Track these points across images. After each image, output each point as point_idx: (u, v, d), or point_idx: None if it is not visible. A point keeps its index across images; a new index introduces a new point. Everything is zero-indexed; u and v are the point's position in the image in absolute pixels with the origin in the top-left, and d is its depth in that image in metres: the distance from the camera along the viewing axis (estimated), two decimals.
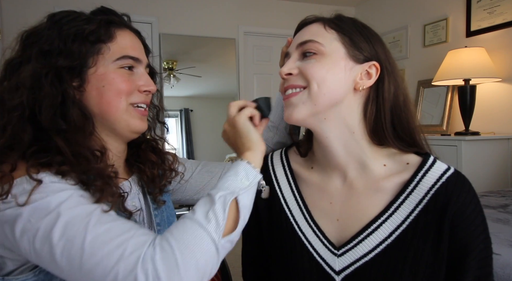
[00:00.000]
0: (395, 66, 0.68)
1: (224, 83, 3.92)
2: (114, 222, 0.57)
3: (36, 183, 0.56)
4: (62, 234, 0.53)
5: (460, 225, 0.60)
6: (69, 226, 0.54)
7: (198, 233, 0.55)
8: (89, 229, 0.54)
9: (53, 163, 0.60)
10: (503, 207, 1.63)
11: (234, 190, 0.61)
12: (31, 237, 0.54)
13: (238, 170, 0.64)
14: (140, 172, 0.79)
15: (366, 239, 0.64)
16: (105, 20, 0.69)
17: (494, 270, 1.01)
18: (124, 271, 0.51)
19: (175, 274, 0.52)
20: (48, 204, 0.55)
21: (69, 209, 0.55)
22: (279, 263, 0.71)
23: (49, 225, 0.53)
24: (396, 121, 0.67)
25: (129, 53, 0.70)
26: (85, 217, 0.55)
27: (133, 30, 0.75)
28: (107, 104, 0.68)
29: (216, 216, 0.57)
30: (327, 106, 0.65)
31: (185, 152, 3.96)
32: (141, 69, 0.74)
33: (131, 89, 0.71)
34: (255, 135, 0.68)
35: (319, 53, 0.65)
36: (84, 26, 0.66)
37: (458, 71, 2.44)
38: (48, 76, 0.63)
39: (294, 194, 0.73)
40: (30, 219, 0.54)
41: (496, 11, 2.57)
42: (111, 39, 0.68)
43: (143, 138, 0.81)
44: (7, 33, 2.75)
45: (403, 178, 0.65)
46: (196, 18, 3.55)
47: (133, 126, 0.72)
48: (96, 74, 0.67)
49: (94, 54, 0.67)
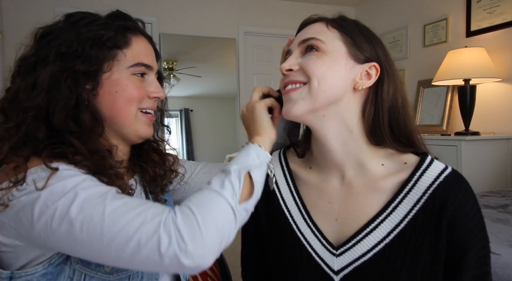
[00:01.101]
0: (394, 68, 0.69)
1: (224, 83, 3.93)
2: (130, 198, 0.58)
3: (53, 170, 0.57)
4: (80, 210, 0.54)
5: (458, 224, 0.60)
6: (87, 202, 0.55)
7: (216, 199, 0.58)
8: (107, 203, 0.55)
9: (67, 153, 0.61)
10: (503, 207, 1.62)
11: (247, 166, 0.63)
12: (49, 219, 0.54)
13: (249, 151, 0.66)
14: (142, 171, 0.80)
15: (364, 239, 0.64)
16: (122, 26, 0.70)
17: (494, 270, 1.01)
18: (147, 235, 0.52)
19: (197, 233, 0.53)
20: (63, 187, 0.56)
21: (85, 189, 0.56)
22: (278, 263, 0.71)
23: (66, 204, 0.54)
24: (393, 123, 0.67)
25: (142, 60, 0.72)
26: (102, 195, 0.56)
27: (146, 36, 0.76)
28: (118, 110, 0.70)
29: (232, 184, 0.60)
30: (326, 103, 0.65)
31: (185, 152, 3.96)
32: (152, 76, 0.75)
33: (142, 96, 0.72)
34: (267, 123, 0.71)
35: (321, 50, 0.66)
36: (102, 31, 0.67)
37: (458, 71, 2.44)
38: (66, 80, 0.64)
39: (293, 194, 0.74)
40: (47, 202, 0.55)
41: (496, 11, 2.57)
42: (127, 45, 0.70)
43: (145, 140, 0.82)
44: (7, 33, 2.75)
45: (401, 178, 0.65)
46: (196, 18, 3.55)
47: (141, 132, 0.74)
48: (110, 79, 0.69)
49: (110, 60, 0.68)
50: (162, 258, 0.52)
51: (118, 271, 0.64)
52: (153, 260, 0.53)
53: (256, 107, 0.72)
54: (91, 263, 0.62)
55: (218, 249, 0.56)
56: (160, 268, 0.54)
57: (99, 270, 0.62)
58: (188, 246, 0.52)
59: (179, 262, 0.52)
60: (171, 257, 0.52)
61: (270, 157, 0.68)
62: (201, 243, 0.53)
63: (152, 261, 0.53)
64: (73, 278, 0.61)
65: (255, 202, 0.63)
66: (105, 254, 0.54)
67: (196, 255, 0.53)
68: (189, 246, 0.52)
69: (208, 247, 0.54)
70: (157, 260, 0.52)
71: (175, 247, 0.52)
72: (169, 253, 0.52)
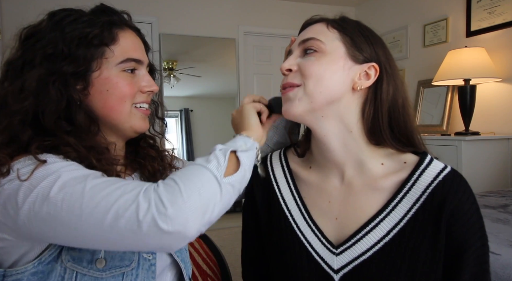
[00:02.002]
0: (395, 69, 0.69)
1: (224, 83, 3.93)
2: (113, 179, 0.57)
3: (41, 162, 0.56)
4: (60, 189, 0.53)
5: (457, 223, 0.61)
6: (68, 183, 0.54)
7: (200, 170, 0.57)
8: (88, 181, 0.54)
9: (59, 145, 0.61)
10: (503, 207, 1.62)
11: (233, 147, 0.63)
12: (31, 203, 0.53)
13: (236, 139, 0.66)
14: (141, 168, 0.79)
15: (364, 238, 0.64)
16: (107, 22, 0.69)
17: (494, 270, 1.01)
18: (125, 204, 0.51)
19: (178, 198, 0.51)
20: (47, 170, 0.55)
21: (69, 171, 0.56)
22: (278, 262, 0.72)
23: (48, 185, 0.54)
24: (394, 123, 0.67)
25: (132, 55, 0.70)
26: (85, 175, 0.56)
27: (133, 28, 0.75)
28: (111, 108, 0.69)
29: (217, 158, 0.59)
30: (323, 104, 0.65)
31: (185, 152, 3.96)
32: (143, 70, 0.74)
33: (134, 91, 0.71)
34: (255, 121, 0.72)
35: (320, 50, 0.66)
36: (87, 29, 0.66)
37: (458, 71, 2.44)
38: (55, 82, 0.63)
39: (293, 194, 0.74)
40: (29, 186, 0.54)
41: (496, 11, 2.57)
42: (114, 42, 0.68)
43: (141, 135, 0.81)
44: (7, 33, 2.75)
45: (401, 177, 0.66)
46: (196, 18, 3.55)
47: (136, 126, 0.73)
48: (100, 78, 0.67)
49: (98, 58, 0.67)
50: (140, 225, 0.50)
51: (111, 268, 0.63)
52: (131, 230, 0.50)
53: (245, 108, 0.74)
54: (82, 260, 0.61)
55: (201, 220, 0.53)
56: (139, 239, 0.51)
57: (91, 268, 0.61)
58: (168, 210, 0.50)
59: (157, 227, 0.50)
60: (149, 222, 0.50)
61: (257, 145, 0.68)
62: (182, 208, 0.51)
63: (131, 230, 0.50)
64: (64, 277, 0.59)
65: (242, 180, 0.61)
66: (84, 231, 0.52)
67: (176, 219, 0.50)
68: (169, 210, 0.50)
69: (189, 213, 0.51)
70: (135, 228, 0.50)
71: (153, 211, 0.50)
72: (147, 218, 0.50)
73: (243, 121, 0.73)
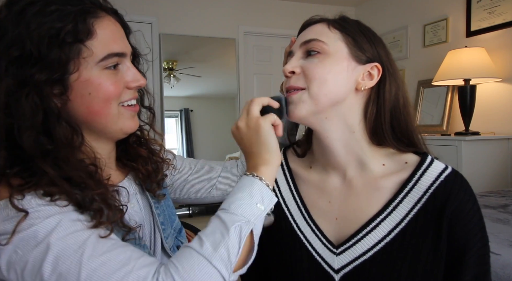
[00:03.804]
0: (396, 68, 0.69)
1: (224, 83, 3.93)
2: (111, 253, 0.52)
3: (22, 216, 0.50)
4: (53, 268, 0.49)
5: (458, 223, 0.61)
6: (61, 259, 0.50)
7: (207, 270, 0.52)
8: (83, 263, 0.50)
9: (40, 183, 0.53)
10: (503, 207, 1.63)
11: (250, 218, 0.56)
12: (19, 270, 0.50)
13: (252, 191, 0.59)
14: (135, 170, 0.75)
15: (365, 238, 0.64)
16: (80, 11, 0.58)
17: (494, 270, 1.02)
18: None
19: None
20: (35, 233, 0.50)
21: (60, 239, 0.50)
22: (279, 262, 0.71)
23: (38, 258, 0.49)
24: (395, 123, 0.67)
25: (113, 49, 0.61)
26: (78, 249, 0.51)
27: (109, 12, 0.64)
28: (96, 113, 0.61)
29: (228, 251, 0.53)
30: (328, 106, 0.65)
31: (185, 152, 3.96)
32: (127, 63, 0.65)
33: (120, 90, 0.63)
34: (276, 147, 0.64)
35: (323, 52, 0.66)
36: (58, 24, 0.55)
37: (458, 71, 2.45)
38: (28, 95, 0.54)
39: (293, 194, 0.74)
40: (16, 250, 0.49)
41: (496, 11, 2.57)
42: (90, 36, 0.58)
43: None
44: None
45: (402, 177, 0.66)
46: (196, 18, 3.55)
47: (126, 128, 0.67)
48: (79, 81, 0.58)
49: (75, 58, 0.57)
50: None
51: None
52: None
53: (262, 126, 0.63)
54: None
55: None
56: None
57: None
58: None
59: None
60: None
61: (275, 200, 0.63)
62: None
63: None
64: None
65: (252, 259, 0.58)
66: None
67: None
68: None
69: None
70: None
71: None
72: None
73: (260, 145, 0.63)
